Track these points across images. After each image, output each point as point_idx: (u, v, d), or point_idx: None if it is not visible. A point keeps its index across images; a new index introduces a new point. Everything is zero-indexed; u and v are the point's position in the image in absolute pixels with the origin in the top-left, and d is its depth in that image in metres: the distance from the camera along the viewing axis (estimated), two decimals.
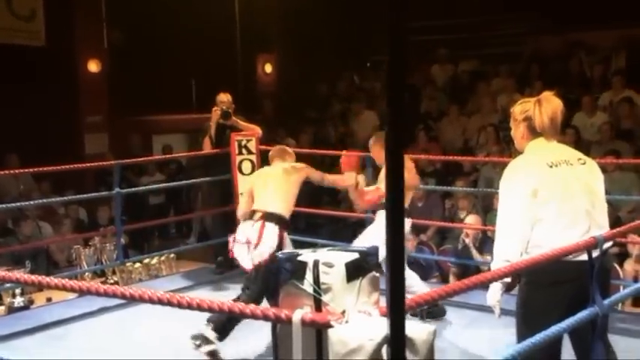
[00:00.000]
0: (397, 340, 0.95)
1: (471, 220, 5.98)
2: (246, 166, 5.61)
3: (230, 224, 5.64)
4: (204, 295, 4.71)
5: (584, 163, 2.53)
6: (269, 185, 3.80)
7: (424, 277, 5.68)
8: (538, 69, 8.21)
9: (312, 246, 3.03)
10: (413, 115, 8.53)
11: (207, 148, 5.69)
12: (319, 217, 6.92)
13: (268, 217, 3.61)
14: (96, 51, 8.51)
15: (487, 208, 6.56)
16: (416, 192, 6.91)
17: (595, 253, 2.25)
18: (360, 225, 5.60)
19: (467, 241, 5.55)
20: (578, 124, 7.00)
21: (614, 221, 5.45)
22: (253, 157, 5.64)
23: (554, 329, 1.85)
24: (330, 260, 1.59)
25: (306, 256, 1.65)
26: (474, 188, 6.66)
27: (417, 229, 6.24)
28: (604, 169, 6.08)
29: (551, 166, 2.48)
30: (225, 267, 5.49)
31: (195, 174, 6.48)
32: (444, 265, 5.99)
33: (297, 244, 4.01)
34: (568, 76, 7.98)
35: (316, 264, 1.59)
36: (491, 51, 9.05)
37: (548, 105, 2.54)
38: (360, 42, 9.91)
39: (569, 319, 2.14)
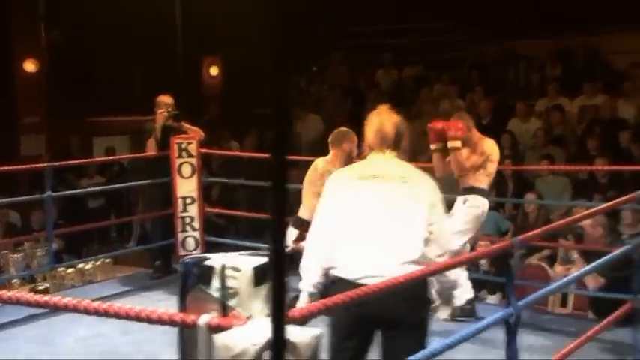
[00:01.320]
0: (277, 344, 0.95)
1: None
2: (186, 170, 5.56)
3: (170, 228, 5.61)
4: (136, 300, 4.63)
5: (405, 182, 2.34)
6: None
7: None
8: (478, 76, 8.40)
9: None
10: (357, 120, 8.59)
11: (150, 151, 5.61)
12: (262, 221, 6.89)
13: None
14: (33, 50, 8.28)
15: None
16: None
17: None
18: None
19: None
20: (514, 129, 7.19)
21: (545, 224, 5.63)
22: (194, 161, 5.60)
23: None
24: (237, 264, 1.59)
25: (214, 260, 1.64)
26: None
27: None
28: (539, 174, 6.34)
29: (355, 180, 2.37)
30: (162, 271, 5.43)
31: (138, 177, 6.38)
32: None
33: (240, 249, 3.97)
34: (506, 83, 8.18)
35: (223, 268, 1.58)
36: (435, 57, 9.20)
37: (376, 119, 2.45)
38: (306, 45, 9.93)
39: (481, 322, 2.19)
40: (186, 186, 5.53)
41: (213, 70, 9.94)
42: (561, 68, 7.99)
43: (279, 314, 0.95)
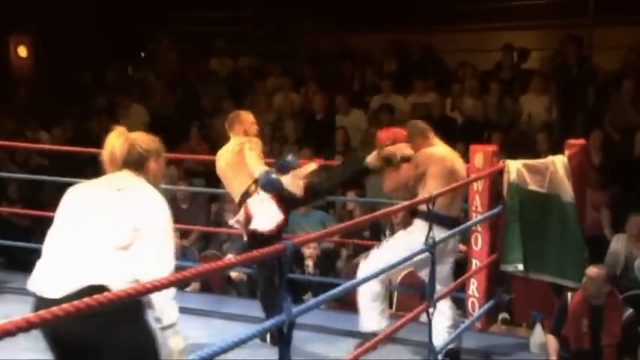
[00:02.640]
0: None
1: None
2: None
3: None
4: None
5: (119, 190, 2.33)
6: None
7: None
8: (313, 69, 8.38)
9: None
10: (188, 111, 8.28)
11: None
12: None
13: None
14: None
15: None
16: (181, 193, 6.68)
17: None
18: None
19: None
20: (342, 124, 7.25)
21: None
22: None
23: None
24: None
25: None
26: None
27: (180, 234, 5.97)
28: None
29: (75, 191, 2.39)
30: None
31: None
32: None
33: None
34: (341, 77, 8.23)
35: None
36: (270, 48, 9.08)
37: (107, 140, 2.47)
38: (134, 30, 9.42)
39: (254, 328, 2.01)
40: None
41: (22, 51, 9.10)
42: (396, 64, 8.17)
43: None
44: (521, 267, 4.14)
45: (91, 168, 3.94)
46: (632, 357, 3.74)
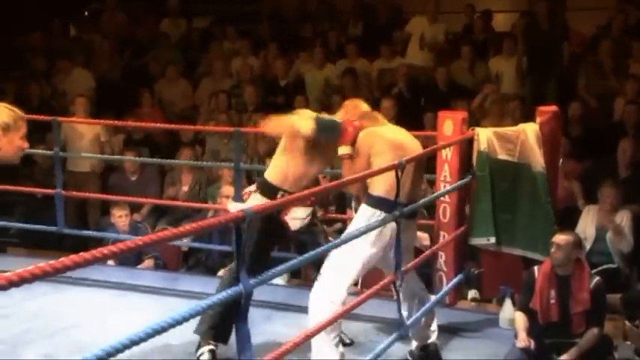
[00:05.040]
0: None
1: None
2: None
3: None
4: None
5: None
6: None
7: None
8: (273, 31, 8.35)
9: None
10: (136, 77, 8.19)
11: None
12: (13, 194, 6.26)
13: None
14: None
15: (212, 182, 6.50)
16: (130, 164, 6.63)
17: None
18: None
19: None
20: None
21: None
22: None
23: None
24: None
25: None
26: (196, 161, 6.52)
27: (131, 208, 5.96)
28: None
29: None
30: None
31: None
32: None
33: None
34: (304, 39, 8.21)
35: None
36: (227, 8, 8.99)
37: None
38: None
39: (212, 298, 2.06)
40: None
41: None
42: (362, 27, 8.18)
43: None
44: (493, 240, 4.25)
45: (33, 136, 3.90)
46: (600, 325, 3.90)
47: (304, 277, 5.50)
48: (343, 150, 3.40)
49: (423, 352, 3.66)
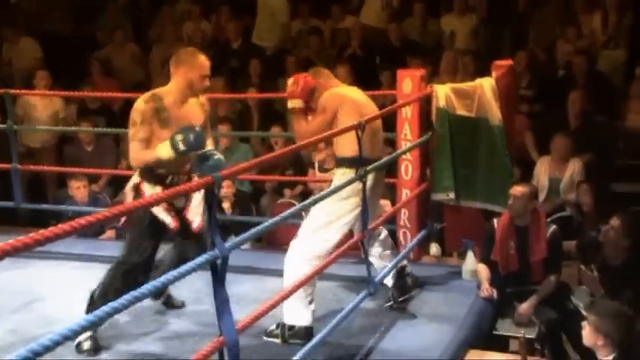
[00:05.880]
0: None
1: None
2: None
3: None
4: None
5: None
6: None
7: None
8: None
9: None
10: (86, 44, 7.99)
11: None
12: None
13: None
14: None
15: None
16: (85, 135, 6.51)
17: None
18: None
19: None
20: None
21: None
22: None
23: None
24: None
25: None
26: None
27: (88, 179, 5.86)
28: None
29: None
30: None
31: None
32: None
33: None
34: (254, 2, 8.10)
35: None
36: None
37: None
38: None
39: (188, 264, 2.06)
40: None
41: None
42: None
43: None
44: (452, 195, 4.33)
45: None
46: (557, 271, 4.06)
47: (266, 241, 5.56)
48: (294, 103, 3.44)
49: (401, 279, 3.74)
